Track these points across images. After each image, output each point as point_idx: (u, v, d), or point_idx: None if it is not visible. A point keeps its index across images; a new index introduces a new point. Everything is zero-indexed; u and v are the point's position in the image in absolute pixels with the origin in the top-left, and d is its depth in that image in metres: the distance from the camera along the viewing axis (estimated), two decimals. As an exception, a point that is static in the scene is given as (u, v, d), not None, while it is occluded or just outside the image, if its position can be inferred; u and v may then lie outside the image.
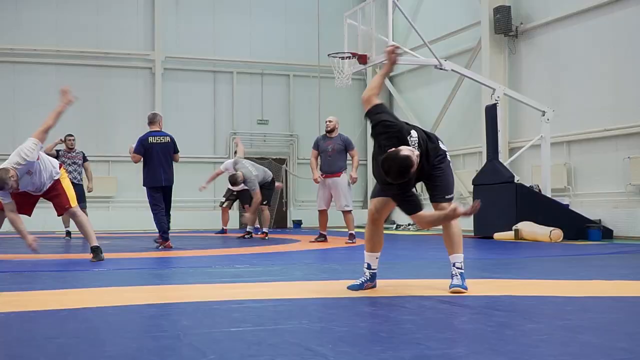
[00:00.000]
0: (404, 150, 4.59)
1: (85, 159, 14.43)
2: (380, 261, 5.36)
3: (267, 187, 13.57)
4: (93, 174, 14.95)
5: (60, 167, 8.48)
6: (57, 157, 13.78)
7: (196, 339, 3.39)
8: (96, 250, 8.15)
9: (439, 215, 5.00)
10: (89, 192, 14.63)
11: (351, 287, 5.23)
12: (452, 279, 5.14)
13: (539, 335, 3.47)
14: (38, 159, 8.02)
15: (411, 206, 4.84)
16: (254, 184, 13.06)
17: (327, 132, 12.10)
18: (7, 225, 15.32)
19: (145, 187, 10.89)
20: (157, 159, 10.77)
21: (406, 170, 4.55)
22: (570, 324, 3.83)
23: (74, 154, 14.20)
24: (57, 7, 20.06)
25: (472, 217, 13.70)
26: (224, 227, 15.90)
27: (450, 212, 4.83)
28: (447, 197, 5.11)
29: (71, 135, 14.32)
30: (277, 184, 15.30)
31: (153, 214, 10.95)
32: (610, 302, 4.77)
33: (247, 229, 13.89)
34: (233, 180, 13.21)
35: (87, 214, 13.30)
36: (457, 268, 5.14)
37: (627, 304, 4.69)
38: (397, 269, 7.03)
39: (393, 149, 4.62)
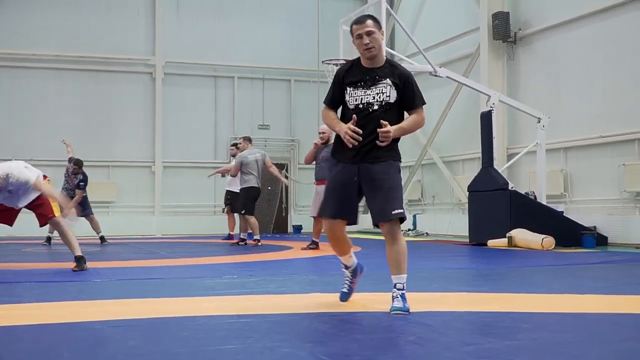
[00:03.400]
0: None
1: (78, 187, 13.99)
2: (365, 272, 5.34)
3: (251, 197, 13.51)
4: (93, 179, 15.23)
5: (45, 178, 8.48)
6: (66, 173, 14.01)
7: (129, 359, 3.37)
8: (79, 260, 8.14)
9: None
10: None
11: (341, 299, 5.30)
12: (392, 301, 4.79)
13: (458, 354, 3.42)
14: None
15: None
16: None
17: (323, 144, 11.91)
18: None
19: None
20: None
21: None
22: (516, 344, 3.78)
23: (74, 179, 14.06)
24: (58, 12, 20.07)
25: (467, 224, 13.71)
26: (230, 233, 15.95)
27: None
28: None
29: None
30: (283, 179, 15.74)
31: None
32: (571, 319, 4.67)
33: (241, 236, 13.87)
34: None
35: (97, 220, 13.94)
36: (398, 289, 4.82)
37: (588, 321, 4.60)
38: (378, 280, 6.81)
39: None
